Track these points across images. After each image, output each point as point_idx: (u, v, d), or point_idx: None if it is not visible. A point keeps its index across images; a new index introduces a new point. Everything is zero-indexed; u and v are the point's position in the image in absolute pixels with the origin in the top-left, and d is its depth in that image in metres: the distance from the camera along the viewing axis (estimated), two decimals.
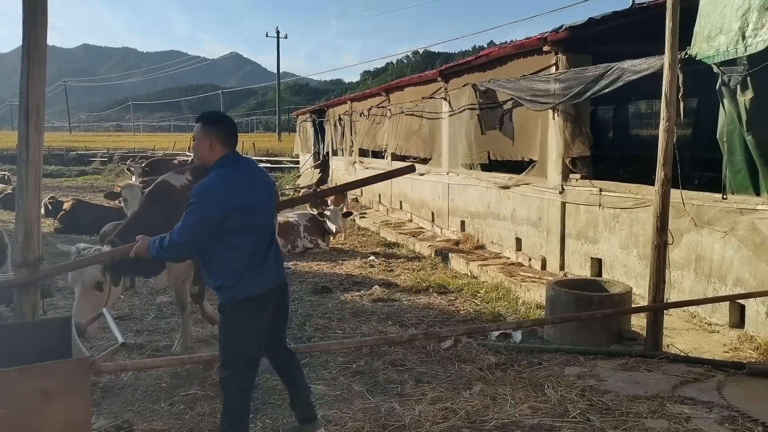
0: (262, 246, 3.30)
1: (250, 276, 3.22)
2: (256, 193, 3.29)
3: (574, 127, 7.54)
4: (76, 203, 12.91)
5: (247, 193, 3.23)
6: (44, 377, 2.77)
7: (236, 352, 3.26)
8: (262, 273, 3.28)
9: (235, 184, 3.21)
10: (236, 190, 3.19)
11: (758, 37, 4.55)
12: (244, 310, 3.21)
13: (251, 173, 3.36)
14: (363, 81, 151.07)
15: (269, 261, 3.33)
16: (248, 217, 3.21)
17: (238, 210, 3.16)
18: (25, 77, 3.56)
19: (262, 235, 3.30)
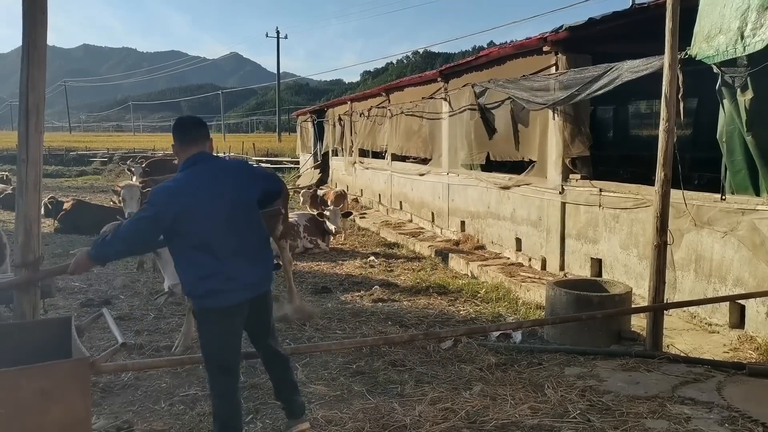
0: (228, 253, 3.11)
1: (217, 285, 3.09)
2: (219, 197, 3.11)
3: (574, 127, 7.54)
4: (76, 203, 12.93)
5: (205, 197, 3.08)
6: (44, 377, 2.76)
7: (208, 358, 3.24)
8: (230, 283, 3.11)
9: (190, 188, 3.09)
10: (189, 195, 3.07)
11: (757, 37, 4.55)
12: (212, 318, 3.15)
13: (215, 174, 3.16)
14: (363, 81, 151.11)
15: (240, 268, 3.14)
16: (206, 223, 3.06)
17: (190, 215, 3.04)
18: (25, 77, 3.56)
19: (227, 241, 3.11)
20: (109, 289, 7.86)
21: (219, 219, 3.11)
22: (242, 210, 3.21)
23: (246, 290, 3.20)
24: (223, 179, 3.18)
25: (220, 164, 3.29)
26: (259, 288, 3.30)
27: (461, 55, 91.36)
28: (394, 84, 15.02)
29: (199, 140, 3.25)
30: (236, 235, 3.16)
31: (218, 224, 3.10)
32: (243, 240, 3.19)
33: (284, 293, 7.46)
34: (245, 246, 3.19)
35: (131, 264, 9.27)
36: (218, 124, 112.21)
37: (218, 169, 3.22)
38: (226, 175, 3.22)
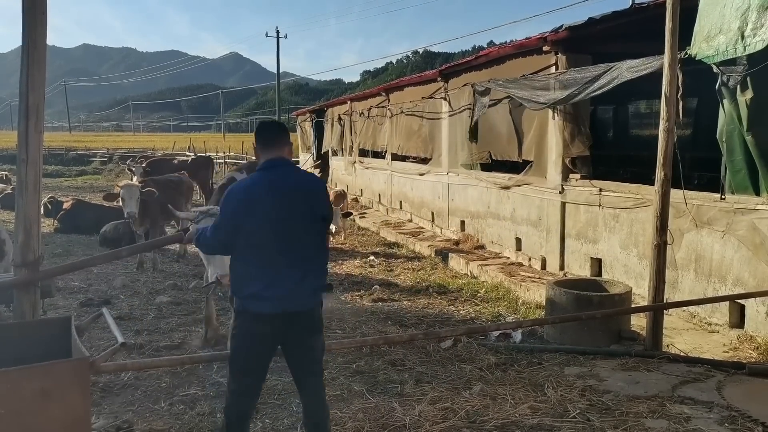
0: (276, 260, 3.06)
1: (258, 290, 3.05)
2: (282, 204, 3.08)
3: (574, 127, 7.54)
4: (75, 203, 12.92)
5: (267, 200, 3.07)
6: (44, 377, 2.76)
7: (232, 357, 3.22)
8: (269, 290, 3.04)
9: (256, 188, 3.10)
10: (253, 194, 3.08)
11: (757, 37, 4.55)
12: (245, 320, 3.12)
13: (284, 181, 3.13)
14: (363, 81, 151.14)
15: (285, 279, 3.06)
16: (262, 226, 3.04)
17: (248, 214, 3.04)
18: (24, 77, 3.55)
19: (278, 249, 3.06)
20: (108, 289, 7.86)
21: (276, 225, 3.06)
22: (302, 222, 3.13)
23: (283, 302, 3.07)
24: (293, 188, 3.15)
25: (294, 173, 3.24)
26: (299, 304, 3.10)
27: (461, 54, 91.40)
28: (394, 84, 15.02)
29: (276, 145, 3.23)
30: (289, 245, 3.09)
31: (273, 230, 3.06)
32: (294, 252, 3.10)
33: None
34: (296, 258, 3.10)
35: (131, 264, 9.28)
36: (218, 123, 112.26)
37: (289, 177, 3.19)
38: (298, 185, 3.18)
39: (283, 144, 3.25)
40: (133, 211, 8.64)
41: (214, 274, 4.81)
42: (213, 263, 4.85)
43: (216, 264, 4.81)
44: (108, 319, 3.50)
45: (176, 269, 9.29)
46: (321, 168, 22.27)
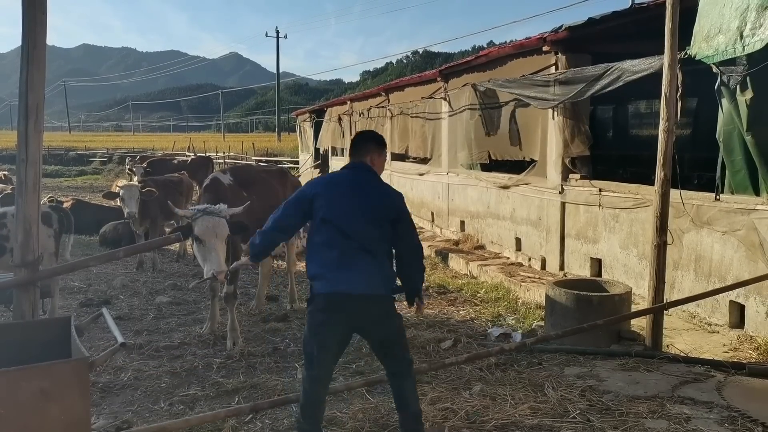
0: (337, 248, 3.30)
1: (326, 272, 3.30)
2: (356, 197, 3.38)
3: (574, 127, 7.54)
4: (75, 203, 12.90)
5: (344, 191, 3.40)
6: (44, 377, 2.76)
7: (303, 342, 3.42)
8: (335, 276, 3.28)
9: (333, 179, 3.54)
10: (331, 184, 3.47)
11: (756, 37, 4.55)
12: (312, 305, 3.36)
13: (355, 182, 3.45)
14: (363, 81, 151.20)
15: (353, 266, 3.28)
16: (337, 213, 3.33)
17: (326, 201, 3.35)
18: (24, 77, 3.55)
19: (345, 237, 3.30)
20: (108, 289, 7.86)
21: (348, 214, 3.34)
22: (371, 216, 3.37)
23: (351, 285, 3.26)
24: (366, 186, 3.44)
25: (369, 176, 3.51)
26: (365, 288, 3.28)
27: (461, 54, 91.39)
28: (394, 84, 15.02)
29: (360, 153, 3.57)
30: (352, 231, 3.32)
31: (347, 219, 3.33)
32: (357, 239, 3.31)
33: (285, 292, 7.47)
34: (358, 246, 3.31)
35: (131, 264, 9.28)
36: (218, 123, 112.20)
37: (367, 177, 3.49)
38: (371, 185, 3.47)
39: (365, 152, 3.56)
40: (133, 211, 8.64)
41: (210, 271, 4.85)
42: (209, 260, 4.88)
43: (212, 261, 4.85)
44: (108, 319, 3.50)
45: (176, 269, 9.29)
46: (320, 168, 22.26)
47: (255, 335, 5.90)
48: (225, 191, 5.74)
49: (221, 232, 4.95)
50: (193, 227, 4.91)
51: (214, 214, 4.96)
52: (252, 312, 6.76)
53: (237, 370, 4.96)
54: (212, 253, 4.88)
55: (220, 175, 6.16)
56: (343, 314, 3.26)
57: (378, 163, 3.59)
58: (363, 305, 3.28)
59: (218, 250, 4.91)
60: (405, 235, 3.48)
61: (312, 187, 3.48)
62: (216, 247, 4.90)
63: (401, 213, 3.46)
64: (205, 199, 5.47)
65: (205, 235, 4.88)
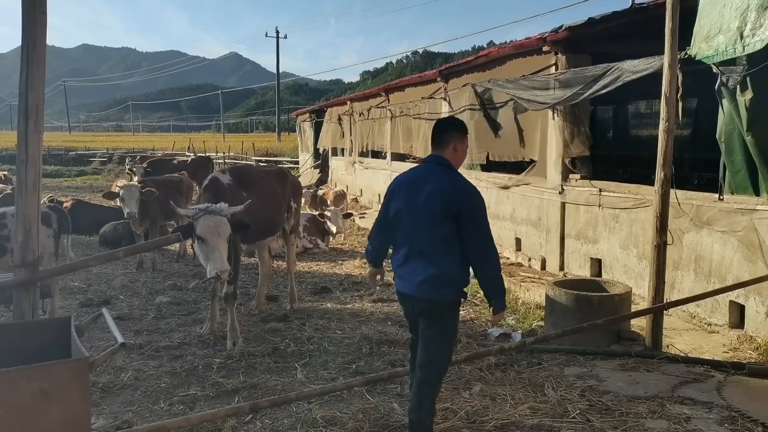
0: (404, 244, 3.43)
1: (395, 268, 3.53)
2: (411, 198, 3.40)
3: (574, 127, 7.54)
4: (75, 203, 12.90)
5: (408, 189, 3.45)
6: (44, 377, 2.76)
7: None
8: (400, 270, 3.48)
9: (403, 177, 3.56)
10: (399, 183, 3.53)
11: (756, 37, 4.55)
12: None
13: (417, 179, 3.47)
14: (363, 81, 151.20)
15: (409, 267, 3.39)
16: (398, 212, 3.44)
17: (394, 200, 3.50)
18: (24, 77, 3.55)
19: (407, 237, 3.41)
20: (108, 289, 7.85)
21: (408, 210, 3.40)
22: (426, 216, 3.34)
23: (402, 282, 3.47)
24: (425, 183, 3.40)
25: (435, 171, 3.45)
26: (411, 289, 3.39)
27: (461, 55, 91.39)
28: (394, 84, 15.03)
29: (442, 143, 3.51)
30: (414, 235, 3.39)
31: (403, 219, 3.43)
32: (418, 242, 3.37)
33: (285, 292, 7.47)
34: (418, 248, 3.37)
35: (131, 264, 9.28)
36: (217, 123, 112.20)
37: (430, 173, 3.45)
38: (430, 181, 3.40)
39: (449, 140, 3.48)
40: (133, 211, 8.64)
41: (213, 270, 4.84)
42: (212, 259, 4.88)
43: (216, 260, 4.85)
44: (107, 319, 3.50)
45: (176, 269, 9.28)
46: (320, 168, 22.27)
47: (255, 335, 5.90)
48: (224, 191, 5.74)
49: (223, 231, 4.95)
50: (194, 227, 4.90)
51: (215, 213, 4.96)
52: (252, 312, 6.76)
53: (237, 370, 4.96)
54: (215, 252, 4.89)
55: (219, 175, 6.16)
56: (406, 307, 3.55)
57: (461, 149, 3.53)
58: (415, 305, 3.43)
59: (221, 249, 4.91)
60: (468, 234, 3.33)
61: (391, 185, 3.59)
62: (219, 246, 4.90)
63: (463, 210, 3.30)
64: (205, 199, 5.47)
65: (208, 235, 4.88)
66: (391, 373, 4.42)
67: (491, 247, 3.45)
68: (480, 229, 3.37)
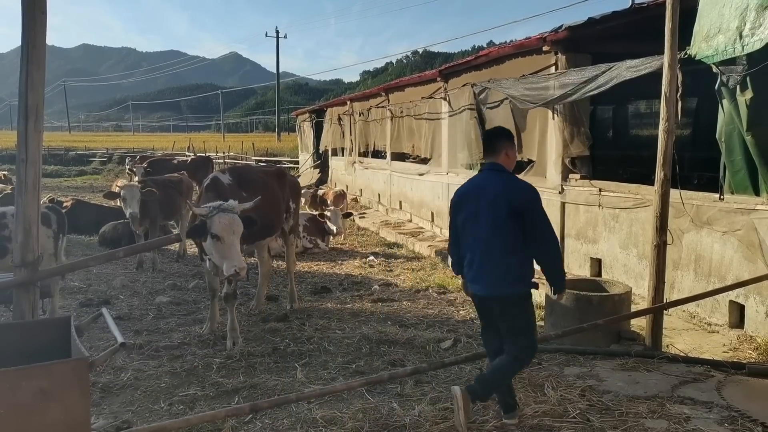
0: (472, 248, 3.69)
1: (464, 270, 3.81)
2: (477, 205, 3.66)
3: (573, 127, 7.54)
4: (75, 203, 12.90)
5: (470, 196, 3.72)
6: (44, 377, 2.76)
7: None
8: (471, 276, 3.74)
9: (466, 186, 3.81)
10: (463, 191, 3.79)
11: (755, 36, 4.55)
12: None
13: (481, 185, 3.72)
14: (362, 81, 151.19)
15: (482, 269, 3.65)
16: (465, 217, 3.70)
17: (458, 206, 3.78)
18: (24, 77, 3.55)
19: (473, 237, 3.67)
20: (108, 289, 7.85)
21: (473, 217, 3.68)
22: (492, 219, 3.61)
23: (475, 285, 3.73)
24: (488, 188, 3.67)
25: (496, 176, 3.72)
26: (485, 290, 3.68)
27: (461, 54, 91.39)
28: (394, 84, 15.02)
29: (495, 150, 3.79)
30: (476, 236, 3.66)
31: (470, 224, 3.69)
32: (480, 243, 3.65)
33: (284, 292, 7.47)
34: (483, 249, 3.65)
35: (131, 264, 9.28)
36: (217, 123, 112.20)
37: (491, 179, 3.72)
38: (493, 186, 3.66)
39: (501, 148, 3.77)
40: (135, 211, 8.63)
41: (231, 268, 4.83)
42: (229, 257, 4.87)
43: (233, 257, 4.84)
44: (107, 319, 3.50)
45: (176, 269, 9.28)
46: (320, 168, 22.27)
47: (255, 335, 5.90)
48: (225, 191, 5.74)
49: (237, 229, 4.95)
50: (208, 225, 4.88)
51: (228, 210, 4.95)
52: (252, 312, 6.76)
53: (237, 370, 4.96)
54: (232, 249, 4.89)
55: (219, 175, 6.16)
56: (482, 307, 3.82)
57: (512, 154, 3.82)
58: (492, 305, 3.70)
59: (237, 246, 4.92)
60: (531, 227, 3.59)
61: (455, 196, 3.83)
62: (234, 244, 4.91)
63: (525, 207, 3.59)
64: (207, 198, 5.46)
65: (223, 232, 4.87)
66: (391, 373, 4.42)
67: (553, 237, 3.72)
68: (542, 222, 3.62)
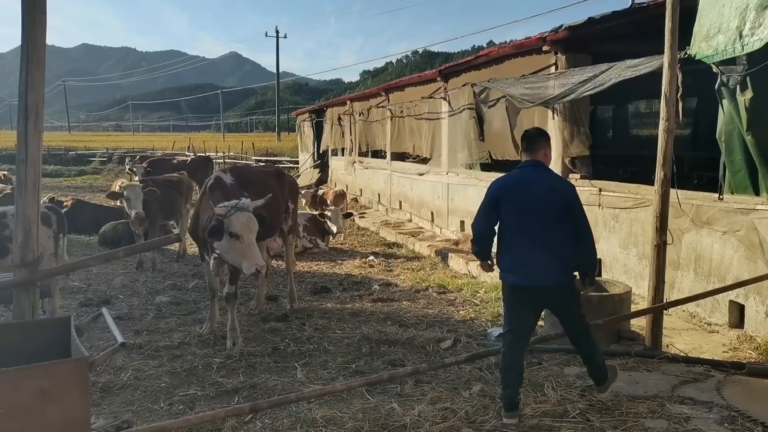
0: (520, 241, 3.84)
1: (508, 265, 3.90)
2: (525, 195, 3.85)
3: (573, 127, 7.54)
4: (75, 203, 12.90)
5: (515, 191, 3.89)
6: (44, 377, 2.76)
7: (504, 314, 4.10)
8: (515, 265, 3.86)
9: (509, 180, 3.98)
10: (505, 186, 3.95)
11: (755, 36, 4.55)
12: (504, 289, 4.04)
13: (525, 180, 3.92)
14: (362, 81, 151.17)
15: (531, 260, 3.80)
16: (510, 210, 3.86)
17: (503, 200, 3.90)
18: (24, 77, 3.55)
19: (522, 231, 3.83)
20: (108, 289, 7.85)
21: (520, 211, 3.83)
22: (540, 212, 3.81)
23: (526, 278, 3.85)
24: (535, 183, 3.87)
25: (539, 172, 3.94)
26: (543, 280, 3.84)
27: (460, 54, 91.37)
28: (394, 84, 15.02)
29: (534, 150, 4.00)
30: (530, 229, 3.81)
31: (519, 215, 3.84)
32: (535, 235, 3.80)
33: (284, 292, 7.47)
34: (541, 241, 3.79)
35: (130, 264, 9.28)
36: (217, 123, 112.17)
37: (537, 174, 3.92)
38: (541, 181, 3.88)
39: (540, 147, 3.98)
40: (141, 211, 8.62)
41: (252, 266, 4.83)
42: (249, 255, 4.87)
43: (253, 255, 4.86)
44: (107, 319, 3.50)
45: (176, 269, 9.29)
46: (320, 168, 22.26)
47: (255, 335, 5.90)
48: (229, 190, 5.74)
49: (254, 227, 4.98)
50: (227, 224, 4.88)
51: (244, 209, 4.95)
52: (252, 312, 6.76)
53: (237, 369, 4.96)
54: (252, 248, 4.91)
55: (222, 175, 6.17)
56: (530, 299, 3.92)
57: (549, 153, 4.06)
58: (544, 293, 3.89)
59: (255, 244, 4.94)
60: (576, 221, 3.85)
61: (497, 190, 3.95)
62: (253, 242, 4.93)
63: (571, 201, 3.84)
64: (215, 198, 5.46)
65: (243, 231, 4.88)
66: (391, 373, 4.42)
67: (590, 231, 3.96)
68: (583, 216, 3.90)
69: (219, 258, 5.43)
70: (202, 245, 5.88)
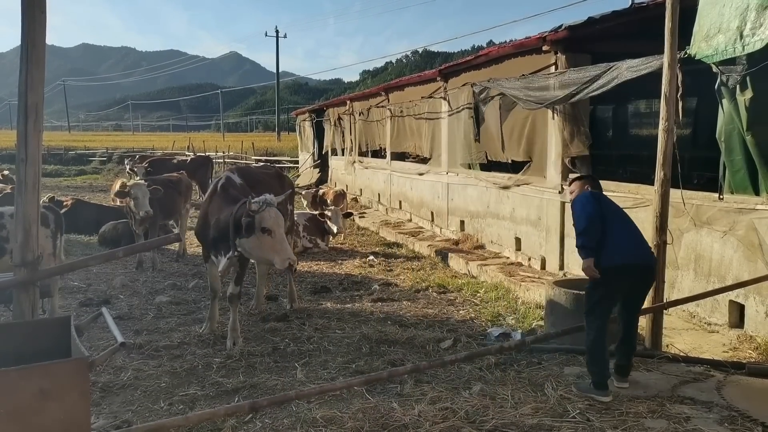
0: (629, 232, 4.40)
1: (625, 246, 4.33)
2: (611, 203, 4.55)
3: (573, 127, 7.54)
4: (75, 203, 12.90)
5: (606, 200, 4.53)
6: (44, 377, 2.76)
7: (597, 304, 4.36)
8: (629, 249, 4.31)
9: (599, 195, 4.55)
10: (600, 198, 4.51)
11: (756, 36, 4.55)
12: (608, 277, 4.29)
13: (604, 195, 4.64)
14: (362, 80, 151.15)
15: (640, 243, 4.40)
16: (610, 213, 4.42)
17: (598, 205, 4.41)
18: (23, 76, 3.55)
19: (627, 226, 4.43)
20: (108, 289, 7.85)
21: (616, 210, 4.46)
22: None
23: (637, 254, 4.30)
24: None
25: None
26: (649, 258, 4.44)
27: (460, 54, 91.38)
28: (394, 83, 15.01)
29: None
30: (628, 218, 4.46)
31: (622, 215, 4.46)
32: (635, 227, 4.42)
33: (284, 292, 7.47)
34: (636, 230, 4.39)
35: (130, 264, 9.28)
36: (217, 123, 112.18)
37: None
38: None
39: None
40: (149, 210, 8.61)
41: (285, 260, 4.85)
42: (280, 250, 4.88)
43: (285, 250, 4.91)
44: (107, 318, 3.50)
45: (176, 269, 9.28)
46: (320, 168, 22.27)
47: (255, 335, 5.90)
48: (240, 190, 5.74)
49: (282, 222, 5.01)
50: (258, 220, 4.88)
51: (272, 204, 4.96)
52: (252, 312, 6.76)
53: (237, 369, 4.96)
54: (283, 242, 4.92)
55: (231, 174, 6.17)
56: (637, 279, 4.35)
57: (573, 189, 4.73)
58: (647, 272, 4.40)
59: (285, 238, 4.96)
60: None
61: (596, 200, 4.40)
62: (284, 236, 4.94)
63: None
64: (228, 197, 5.47)
65: (275, 226, 4.89)
66: (390, 373, 4.42)
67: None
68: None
69: (231, 258, 5.35)
70: (211, 245, 5.76)
